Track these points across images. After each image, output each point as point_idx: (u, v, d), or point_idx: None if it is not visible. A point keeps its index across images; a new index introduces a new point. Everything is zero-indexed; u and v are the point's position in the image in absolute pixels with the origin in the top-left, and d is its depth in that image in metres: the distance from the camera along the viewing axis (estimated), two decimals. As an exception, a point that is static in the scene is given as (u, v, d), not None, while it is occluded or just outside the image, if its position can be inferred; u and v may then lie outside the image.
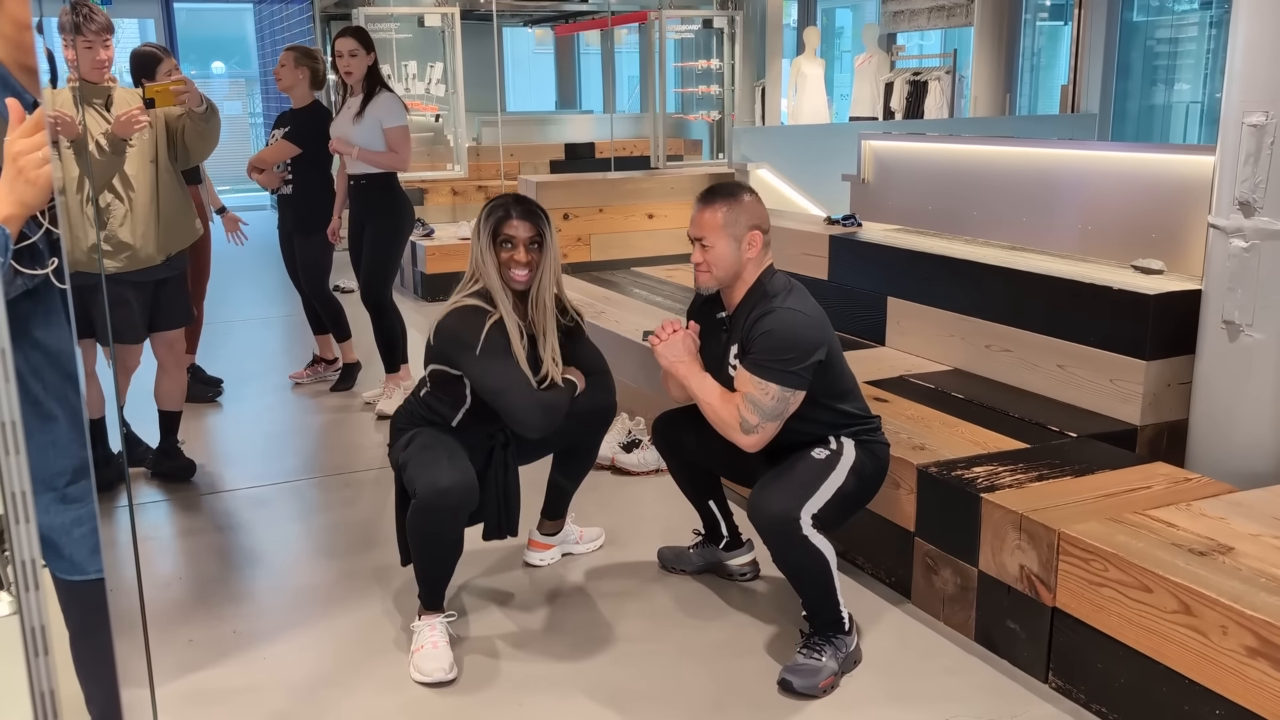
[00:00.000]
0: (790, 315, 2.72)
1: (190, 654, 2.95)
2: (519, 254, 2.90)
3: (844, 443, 2.83)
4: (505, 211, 2.92)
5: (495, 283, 2.91)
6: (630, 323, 5.04)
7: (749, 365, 2.72)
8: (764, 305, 2.76)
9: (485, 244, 2.92)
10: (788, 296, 2.77)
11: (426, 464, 2.83)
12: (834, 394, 2.83)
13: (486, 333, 2.84)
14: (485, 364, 2.84)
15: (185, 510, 4.01)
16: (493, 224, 2.91)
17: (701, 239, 2.80)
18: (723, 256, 2.78)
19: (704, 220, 2.80)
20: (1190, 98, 12.27)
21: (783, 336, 2.69)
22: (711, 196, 2.82)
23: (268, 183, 5.26)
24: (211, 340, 6.53)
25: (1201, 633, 2.30)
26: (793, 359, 2.68)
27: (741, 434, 2.72)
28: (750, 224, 2.79)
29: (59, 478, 2.23)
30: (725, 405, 2.74)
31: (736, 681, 2.78)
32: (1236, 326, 3.20)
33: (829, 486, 2.73)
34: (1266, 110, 3.03)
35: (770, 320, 2.71)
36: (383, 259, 4.96)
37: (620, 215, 7.89)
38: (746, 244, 2.78)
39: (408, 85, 10.06)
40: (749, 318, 2.77)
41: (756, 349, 2.71)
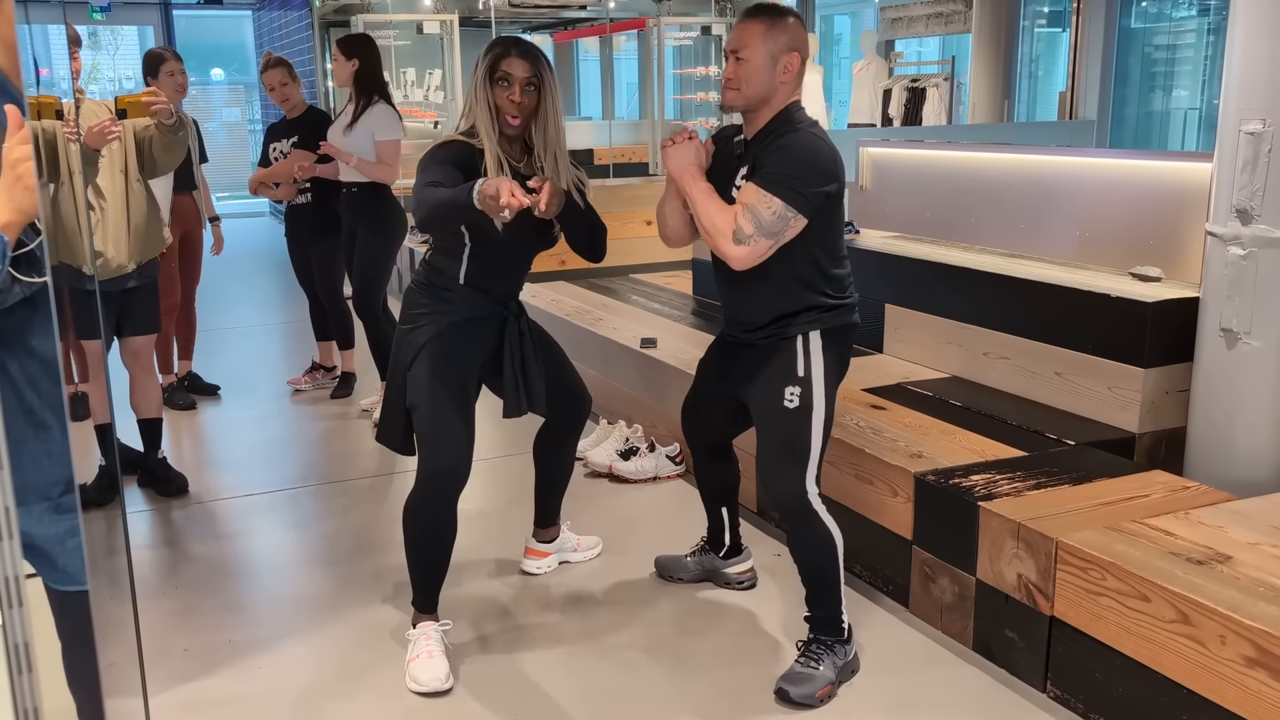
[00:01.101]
0: (811, 138, 2.63)
1: (185, 663, 2.94)
2: (514, 93, 2.77)
3: (811, 350, 2.71)
4: (504, 49, 2.79)
5: (485, 120, 2.78)
6: (628, 329, 5.04)
7: (758, 179, 2.61)
8: (787, 128, 2.66)
9: (480, 79, 2.79)
10: (812, 126, 2.69)
11: (431, 434, 2.82)
12: (826, 246, 2.72)
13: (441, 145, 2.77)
14: (420, 170, 2.74)
15: (180, 518, 4.00)
16: (490, 60, 2.79)
17: (737, 51, 2.65)
18: (756, 73, 2.64)
19: (744, 31, 2.65)
20: (1189, 104, 12.28)
21: (800, 153, 2.60)
22: (755, 11, 2.70)
23: (283, 195, 5.25)
24: (210, 347, 6.54)
25: (1200, 642, 2.30)
26: (805, 178, 2.58)
27: (732, 243, 2.60)
28: (790, 45, 2.67)
29: (53, 487, 2.22)
30: (722, 212, 2.63)
31: (734, 690, 2.77)
32: (1234, 334, 3.19)
33: (815, 431, 2.71)
34: (1264, 118, 3.03)
35: (790, 138, 2.62)
36: (373, 267, 4.96)
37: (618, 222, 7.89)
38: (783, 66, 2.66)
39: (406, 92, 10.06)
40: (767, 140, 2.67)
41: (770, 163, 2.61)
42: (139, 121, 3.88)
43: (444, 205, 2.61)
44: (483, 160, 2.77)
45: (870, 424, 3.54)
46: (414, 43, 10.14)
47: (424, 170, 2.75)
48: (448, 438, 2.84)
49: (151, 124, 3.86)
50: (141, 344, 4.11)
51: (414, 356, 2.87)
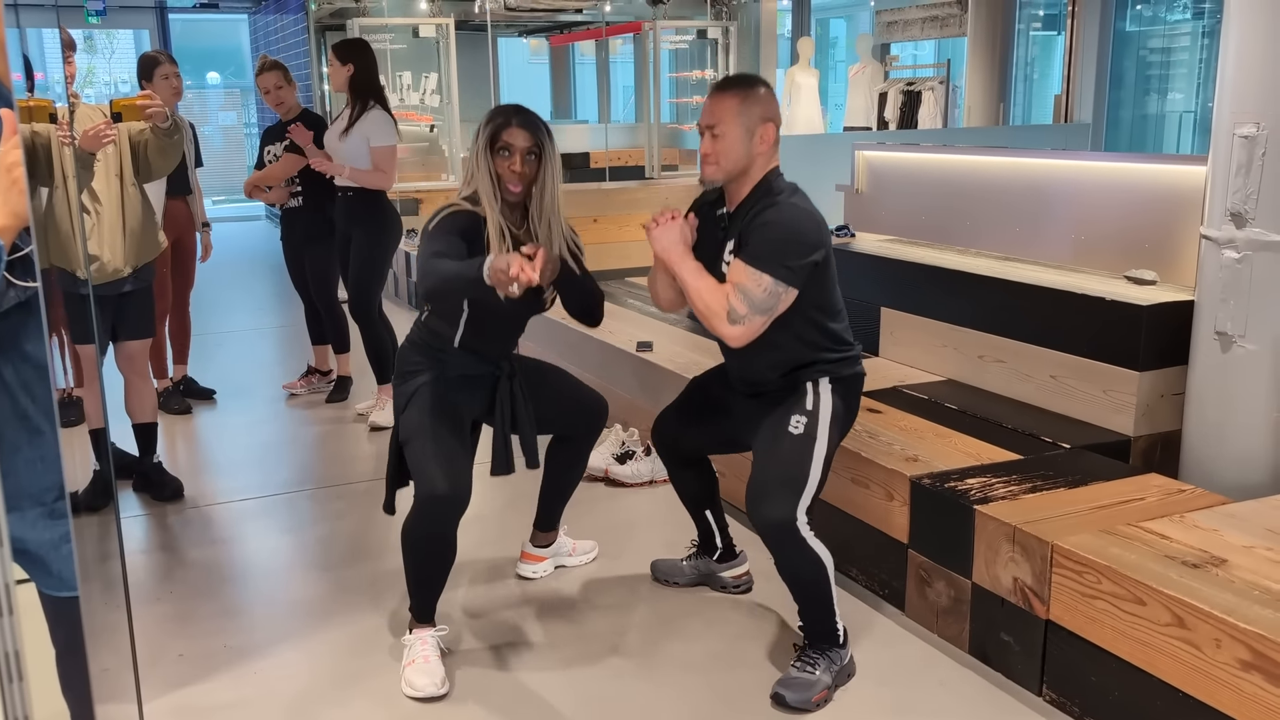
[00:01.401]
0: (794, 210, 2.66)
1: (180, 669, 2.94)
2: (515, 163, 2.81)
3: (821, 390, 2.75)
4: (505, 119, 2.84)
5: (487, 188, 2.82)
6: (624, 333, 5.04)
7: (745, 256, 2.64)
8: (768, 200, 2.68)
9: (482, 148, 2.83)
10: (792, 195, 2.71)
11: (425, 458, 2.81)
12: (824, 308, 2.76)
13: (447, 214, 2.80)
14: (425, 239, 2.78)
15: (175, 523, 3.99)
16: (491, 130, 2.83)
17: (713, 126, 2.69)
18: (733, 146, 2.68)
19: (717, 106, 2.69)
20: (1183, 107, 12.31)
21: (783, 229, 2.62)
22: (727, 84, 2.73)
23: (276, 199, 5.25)
24: (205, 351, 6.53)
25: (1195, 646, 2.30)
26: (791, 253, 2.61)
27: (727, 324, 2.63)
28: (764, 115, 2.70)
29: (48, 493, 2.22)
30: (714, 293, 2.66)
31: (730, 695, 2.77)
32: (1229, 337, 3.20)
33: (816, 463, 2.70)
34: (1258, 121, 3.03)
35: (772, 213, 2.64)
36: (368, 271, 4.96)
37: (614, 225, 7.90)
38: (759, 137, 2.69)
39: (402, 95, 10.06)
40: (750, 212, 2.69)
41: (755, 240, 2.63)
42: (134, 125, 3.88)
43: (454, 279, 2.65)
44: (485, 228, 2.81)
45: (866, 427, 3.54)
46: (410, 46, 10.14)
47: (429, 239, 2.78)
48: (445, 460, 2.81)
49: (147, 127, 3.86)
50: (136, 349, 4.11)
51: (406, 403, 2.90)
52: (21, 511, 2.21)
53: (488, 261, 2.52)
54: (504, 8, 10.32)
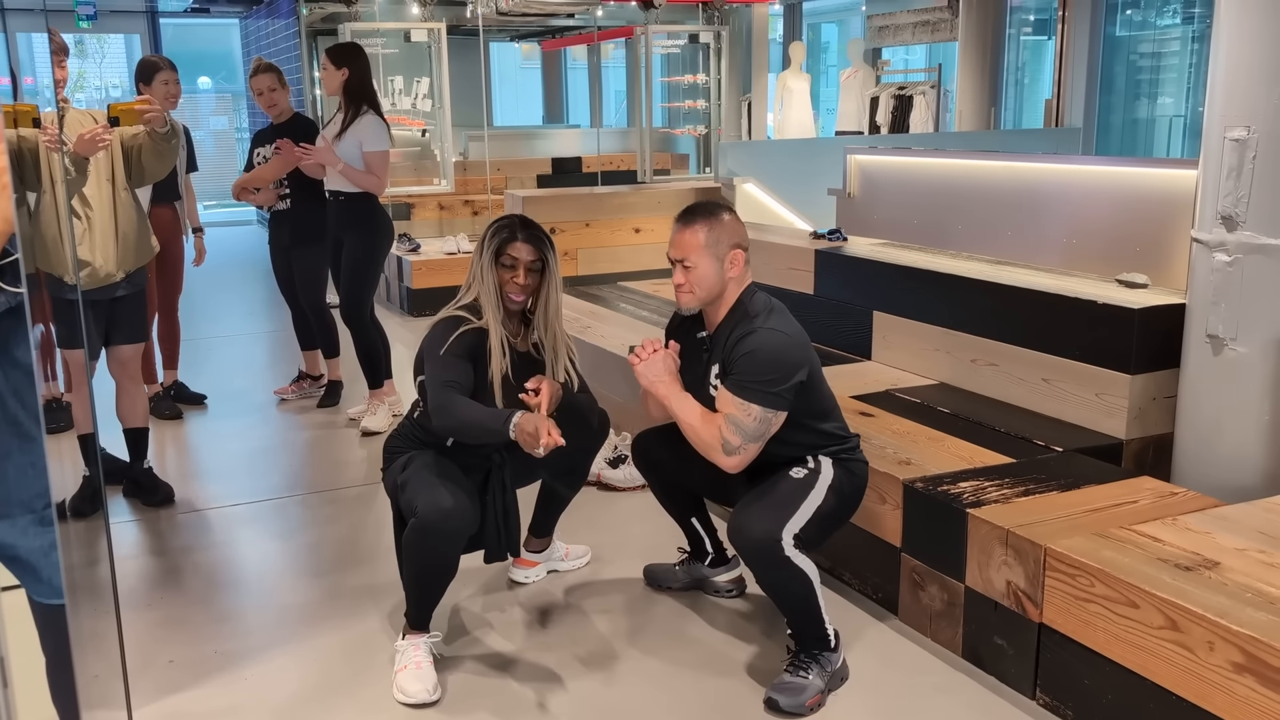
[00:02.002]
0: (772, 336, 2.71)
1: (171, 675, 2.92)
2: (519, 276, 2.92)
3: (822, 461, 2.81)
4: (510, 233, 2.94)
5: (490, 298, 2.92)
6: (616, 337, 5.03)
7: (731, 386, 2.70)
8: (745, 325, 2.74)
9: (487, 262, 2.93)
10: (769, 316, 2.76)
11: (427, 484, 2.80)
12: (814, 414, 2.82)
13: (455, 336, 2.85)
14: (433, 360, 2.84)
15: (166, 528, 3.97)
16: (496, 244, 2.93)
17: (683, 260, 2.77)
18: (705, 276, 2.76)
19: (685, 241, 2.78)
20: (1173, 111, 12.35)
21: (765, 357, 2.68)
22: (691, 216, 2.80)
23: (264, 201, 5.24)
24: (196, 356, 6.51)
25: (1188, 648, 2.30)
26: (775, 379, 2.67)
27: (723, 455, 2.70)
28: (732, 243, 2.78)
29: (38, 500, 2.20)
30: (707, 426, 2.72)
31: (723, 700, 2.76)
32: (1221, 340, 3.20)
33: (809, 505, 2.72)
34: (1248, 125, 3.04)
35: (752, 340, 2.70)
36: (360, 276, 4.95)
37: (606, 230, 7.89)
38: (729, 263, 2.77)
39: (394, 100, 10.05)
40: (730, 337, 2.76)
41: (738, 370, 2.70)
42: (126, 130, 3.87)
43: (476, 428, 2.76)
44: (487, 340, 2.88)
45: (859, 431, 3.53)
46: (402, 51, 10.14)
47: (439, 364, 2.82)
48: (450, 483, 2.80)
49: (141, 131, 3.85)
50: (129, 353, 4.09)
51: (402, 471, 2.91)
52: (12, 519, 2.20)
53: (514, 423, 2.65)
54: (496, 12, 10.32)
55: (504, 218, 3.01)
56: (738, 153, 8.85)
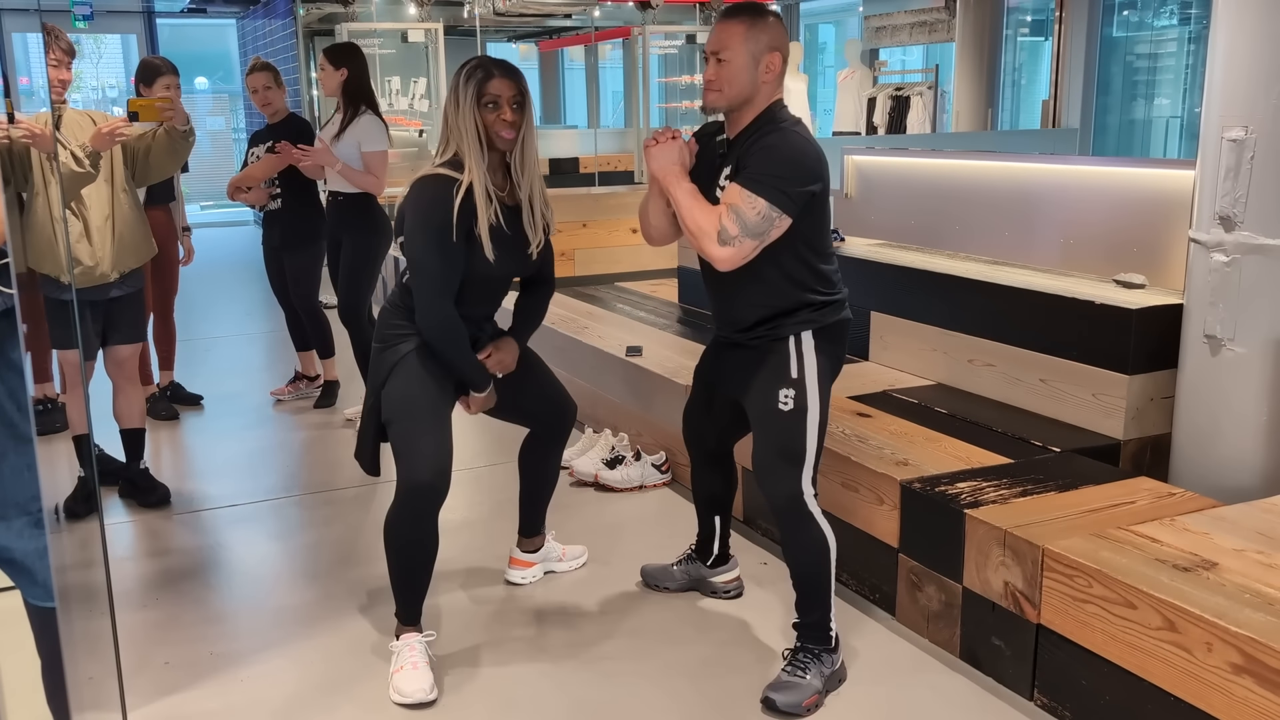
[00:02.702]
0: (795, 137, 2.62)
1: (166, 676, 2.91)
2: (505, 113, 2.78)
3: (804, 352, 2.71)
4: (486, 71, 2.78)
5: (474, 145, 2.77)
6: (614, 338, 5.02)
7: (742, 179, 2.60)
8: (770, 127, 2.65)
9: (469, 105, 2.76)
10: (795, 124, 2.67)
11: (410, 442, 2.81)
12: (814, 246, 2.72)
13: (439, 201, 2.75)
14: (422, 240, 2.76)
15: (162, 529, 3.96)
16: (475, 84, 2.76)
17: (718, 51, 2.64)
18: (738, 74, 2.63)
19: (724, 31, 2.64)
20: (1170, 112, 12.35)
21: (784, 153, 2.59)
22: (735, 11, 2.68)
23: (255, 200, 5.23)
24: (192, 357, 6.50)
25: (1186, 649, 2.29)
26: (789, 178, 2.57)
27: (717, 244, 2.58)
28: (771, 44, 2.66)
29: (33, 502, 2.20)
30: (706, 213, 2.61)
31: (720, 700, 2.75)
32: (1218, 341, 3.20)
33: (811, 433, 2.70)
34: (1246, 125, 3.04)
35: (774, 138, 2.61)
36: (358, 276, 4.94)
37: (604, 230, 7.88)
38: (765, 66, 2.65)
39: (391, 101, 10.04)
40: (750, 140, 2.66)
41: (754, 163, 2.60)
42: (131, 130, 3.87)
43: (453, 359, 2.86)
44: (471, 198, 2.77)
45: (856, 431, 3.53)
46: (399, 51, 10.13)
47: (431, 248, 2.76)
48: (426, 451, 2.82)
49: (150, 129, 3.86)
50: (126, 353, 4.08)
51: (388, 374, 2.87)
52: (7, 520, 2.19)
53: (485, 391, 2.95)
54: (493, 13, 10.31)
55: (471, 59, 2.84)
56: (735, 153, 8.84)
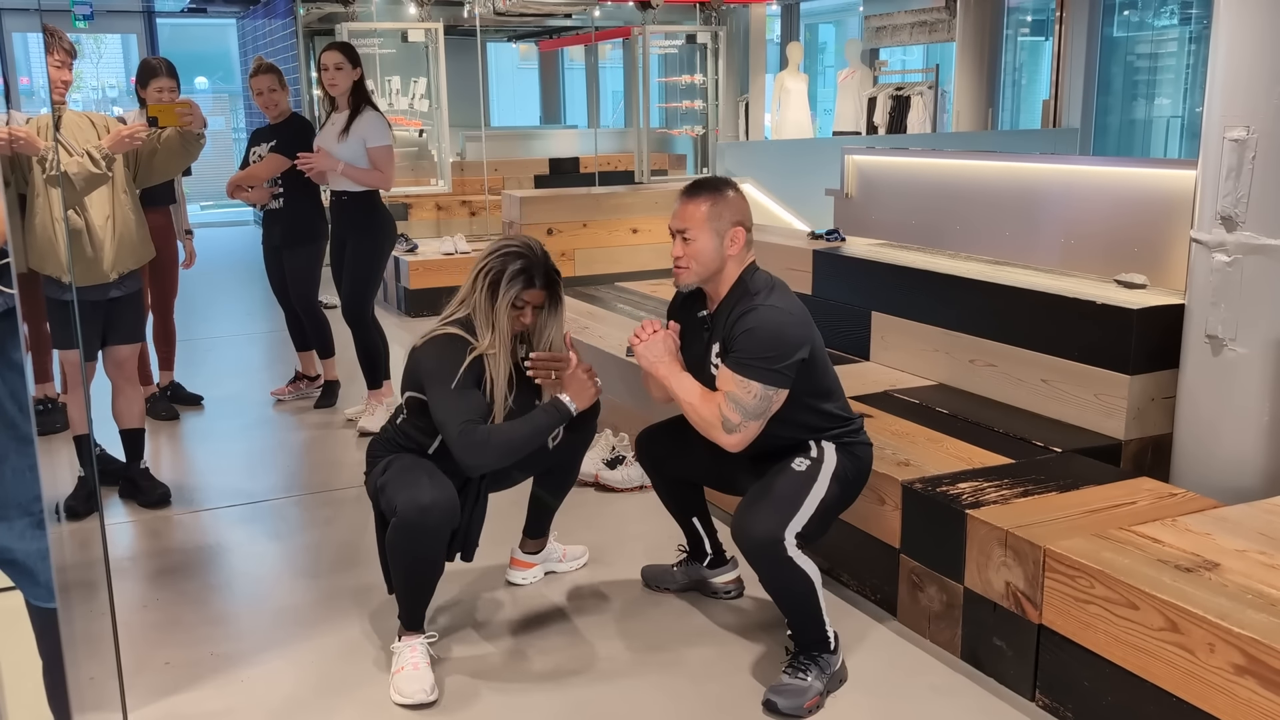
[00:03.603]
0: (772, 313, 2.68)
1: (167, 676, 2.91)
2: (526, 315, 2.91)
3: (825, 448, 2.80)
4: (528, 279, 2.87)
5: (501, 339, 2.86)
6: (614, 338, 5.02)
7: (731, 364, 2.68)
8: (746, 303, 2.72)
9: (502, 309, 2.85)
10: (770, 294, 2.73)
11: (406, 484, 2.79)
12: (816, 393, 2.79)
13: (462, 367, 2.81)
14: (444, 393, 2.80)
15: (162, 529, 3.96)
16: (515, 291, 2.85)
17: (684, 231, 2.74)
18: (704, 251, 2.73)
19: (687, 213, 2.75)
20: (1170, 112, 12.35)
21: (765, 334, 2.65)
22: (696, 190, 2.77)
23: (257, 199, 5.23)
24: (193, 357, 6.50)
25: (1189, 650, 2.29)
26: (775, 356, 2.64)
27: (724, 433, 2.67)
28: (734, 220, 2.75)
29: (35, 503, 2.19)
30: (707, 404, 2.70)
31: (721, 702, 2.75)
32: (1220, 341, 3.20)
33: (811, 500, 2.71)
34: (1248, 125, 3.03)
35: (752, 318, 2.68)
36: (364, 276, 4.93)
37: (604, 230, 7.88)
38: (729, 240, 2.74)
39: (391, 100, 10.04)
40: (731, 315, 2.73)
41: (739, 347, 2.67)
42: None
43: (531, 438, 2.83)
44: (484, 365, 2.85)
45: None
46: (399, 51, 10.13)
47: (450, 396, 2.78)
48: (429, 479, 2.79)
49: (160, 132, 3.89)
50: (125, 353, 4.08)
51: (381, 475, 2.89)
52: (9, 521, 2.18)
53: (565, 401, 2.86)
54: (493, 12, 10.31)
55: (516, 249, 2.89)
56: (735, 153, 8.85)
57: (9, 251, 2.03)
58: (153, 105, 3.90)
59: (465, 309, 2.91)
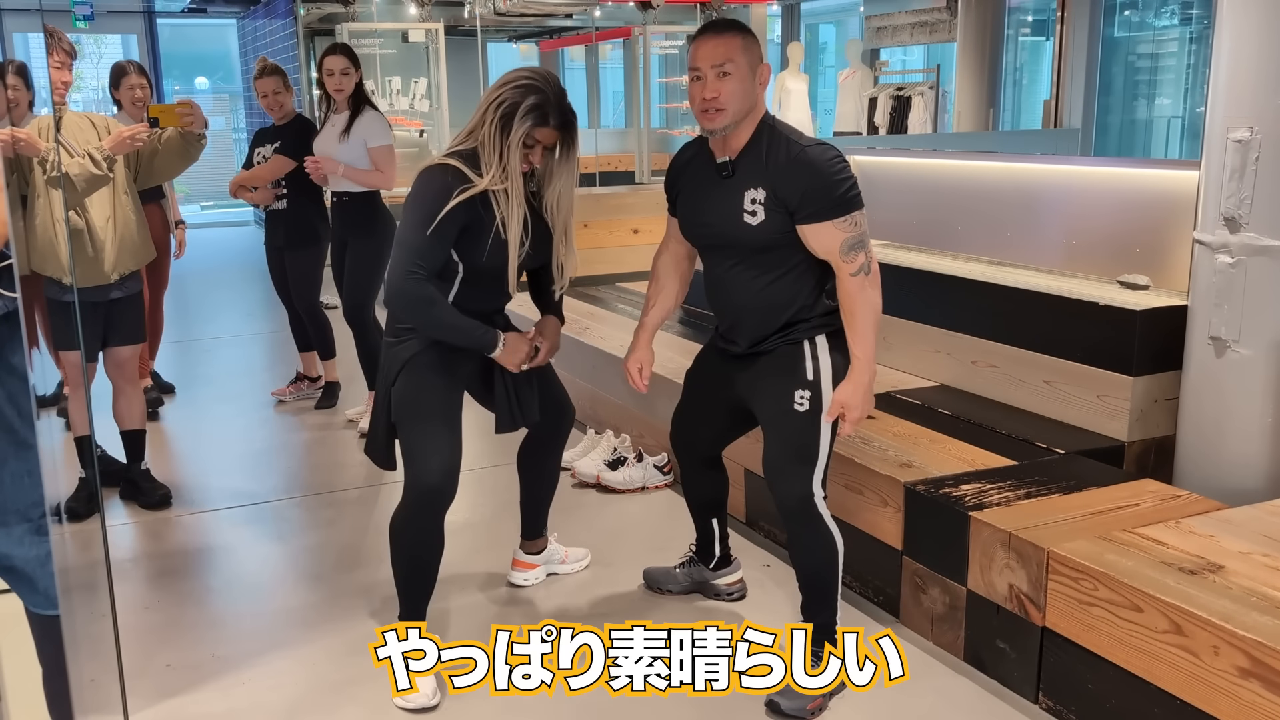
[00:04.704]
0: (822, 149, 2.60)
1: (168, 679, 2.90)
2: (536, 155, 2.79)
3: (819, 355, 2.71)
4: (541, 117, 2.72)
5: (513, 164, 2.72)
6: (615, 339, 5.01)
7: (824, 213, 2.57)
8: (789, 146, 2.60)
9: (515, 143, 2.70)
10: (801, 135, 2.65)
11: (420, 444, 2.79)
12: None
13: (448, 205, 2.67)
14: (413, 224, 2.68)
15: (164, 531, 3.95)
16: (526, 128, 2.71)
17: (722, 65, 2.54)
18: (740, 87, 2.56)
19: (724, 44, 2.56)
20: (1171, 112, 12.35)
21: (835, 167, 2.57)
22: (722, 26, 2.62)
23: (261, 199, 5.23)
24: (193, 356, 6.49)
25: (1193, 653, 2.28)
26: (852, 179, 2.59)
27: (869, 278, 2.65)
28: (760, 55, 2.64)
29: (34, 508, 2.18)
30: (863, 301, 2.65)
31: (723, 705, 2.74)
32: (1223, 342, 3.19)
33: (824, 439, 2.69)
34: (1251, 125, 3.03)
35: (812, 157, 2.57)
36: (365, 277, 4.93)
37: (605, 230, 7.88)
38: (760, 78, 2.63)
39: (392, 101, 10.03)
40: (775, 159, 2.60)
41: (816, 196, 2.56)
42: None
43: (456, 333, 2.78)
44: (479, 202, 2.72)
45: (859, 433, 3.52)
46: (399, 51, 10.13)
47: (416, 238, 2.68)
48: (435, 452, 2.80)
49: (160, 132, 3.90)
50: (126, 354, 4.07)
51: (399, 370, 2.84)
52: (8, 527, 2.17)
53: (500, 344, 2.80)
54: (494, 13, 10.30)
55: (535, 85, 2.74)
56: (736, 153, 8.82)
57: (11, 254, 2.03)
58: (153, 107, 3.91)
59: (472, 140, 2.78)
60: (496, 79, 2.85)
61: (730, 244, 2.72)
